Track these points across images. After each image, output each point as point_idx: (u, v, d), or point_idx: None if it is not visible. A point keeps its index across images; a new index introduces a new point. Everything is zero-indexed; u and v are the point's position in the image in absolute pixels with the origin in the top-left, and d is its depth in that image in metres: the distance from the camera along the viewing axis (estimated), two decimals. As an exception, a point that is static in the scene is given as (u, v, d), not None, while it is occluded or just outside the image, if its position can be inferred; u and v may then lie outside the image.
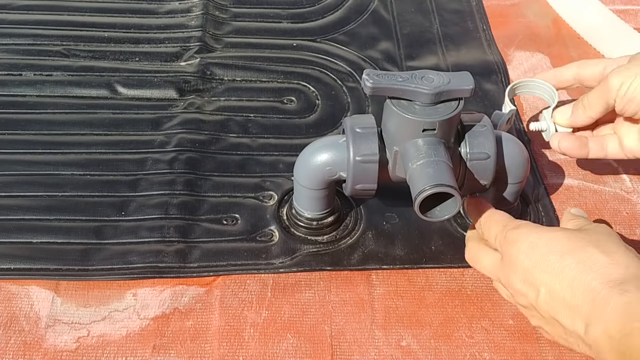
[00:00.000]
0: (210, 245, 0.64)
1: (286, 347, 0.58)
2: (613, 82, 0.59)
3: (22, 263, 0.62)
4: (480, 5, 0.95)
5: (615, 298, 0.46)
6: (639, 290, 0.45)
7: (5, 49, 0.83)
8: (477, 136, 0.58)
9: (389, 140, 0.57)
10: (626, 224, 0.68)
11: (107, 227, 0.65)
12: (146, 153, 0.72)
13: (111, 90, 0.79)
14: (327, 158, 0.58)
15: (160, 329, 0.58)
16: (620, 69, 0.60)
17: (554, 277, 0.49)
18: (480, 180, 0.59)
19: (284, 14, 0.91)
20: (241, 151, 0.73)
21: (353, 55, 0.86)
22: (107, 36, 0.86)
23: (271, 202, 0.68)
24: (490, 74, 0.84)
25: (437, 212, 0.54)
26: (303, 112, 0.79)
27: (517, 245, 0.52)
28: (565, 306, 0.48)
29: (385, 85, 0.54)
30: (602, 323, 0.46)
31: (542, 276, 0.50)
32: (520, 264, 0.52)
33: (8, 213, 0.66)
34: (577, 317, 0.48)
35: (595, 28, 0.88)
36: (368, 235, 0.66)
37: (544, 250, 0.50)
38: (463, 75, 0.55)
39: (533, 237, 0.52)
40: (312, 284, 0.62)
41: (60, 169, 0.70)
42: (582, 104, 0.63)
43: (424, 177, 0.52)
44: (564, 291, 0.48)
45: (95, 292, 0.61)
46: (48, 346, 0.57)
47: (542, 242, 0.51)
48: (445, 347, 0.58)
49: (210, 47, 0.85)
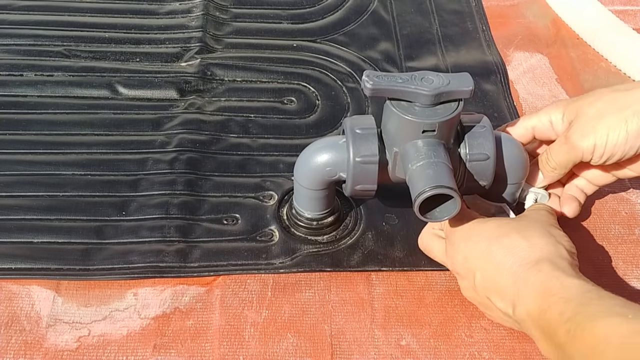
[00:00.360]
0: (210, 245, 0.65)
1: (286, 346, 0.58)
2: (584, 145, 0.58)
3: (23, 263, 0.62)
4: (480, 5, 0.95)
5: (532, 278, 0.50)
6: (551, 268, 0.50)
7: (6, 49, 0.83)
8: (477, 137, 0.58)
9: (389, 141, 0.57)
10: (625, 224, 0.69)
11: (108, 227, 0.66)
12: (147, 153, 0.73)
13: (112, 90, 0.79)
14: (327, 158, 0.59)
15: (161, 328, 0.59)
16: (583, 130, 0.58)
17: (484, 262, 0.54)
18: (480, 181, 0.59)
19: (284, 15, 0.92)
20: (241, 151, 0.74)
21: (353, 55, 0.86)
22: (108, 37, 0.86)
23: (271, 202, 0.69)
24: (490, 74, 0.84)
25: (437, 214, 0.54)
26: (303, 112, 0.79)
27: (457, 233, 0.57)
28: (495, 289, 0.53)
29: (385, 87, 0.54)
30: (524, 303, 0.50)
31: (476, 262, 0.54)
32: (460, 250, 0.56)
33: (9, 213, 0.66)
34: (506, 298, 0.52)
35: (594, 28, 0.88)
36: (368, 235, 0.66)
37: (477, 238, 0.55)
38: (462, 76, 0.55)
39: (469, 225, 0.56)
40: (312, 283, 0.62)
41: (61, 169, 0.70)
42: (551, 167, 0.62)
43: (424, 179, 0.52)
44: (492, 275, 0.53)
45: (96, 292, 0.61)
46: (49, 345, 0.57)
47: (476, 230, 0.56)
48: (445, 347, 0.58)
49: (211, 47, 0.85)
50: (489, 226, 0.56)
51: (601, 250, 0.66)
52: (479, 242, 0.55)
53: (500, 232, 0.55)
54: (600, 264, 0.65)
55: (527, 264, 0.51)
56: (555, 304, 0.47)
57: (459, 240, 0.57)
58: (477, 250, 0.55)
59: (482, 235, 0.55)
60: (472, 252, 0.55)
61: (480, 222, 0.57)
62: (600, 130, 0.57)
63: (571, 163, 0.60)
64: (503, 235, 0.54)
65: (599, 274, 0.64)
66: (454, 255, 0.57)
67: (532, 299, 0.49)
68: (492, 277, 0.53)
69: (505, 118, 0.78)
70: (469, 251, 0.55)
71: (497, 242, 0.54)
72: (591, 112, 0.58)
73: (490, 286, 0.54)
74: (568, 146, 0.59)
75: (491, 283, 0.53)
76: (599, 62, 0.87)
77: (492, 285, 0.53)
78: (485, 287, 0.54)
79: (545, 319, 0.48)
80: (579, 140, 0.58)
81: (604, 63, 0.87)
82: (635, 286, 0.63)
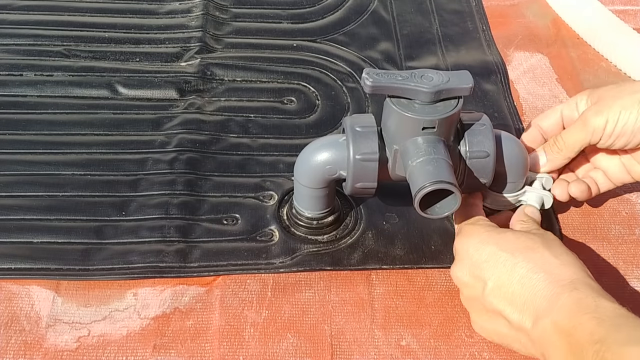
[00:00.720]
0: (210, 245, 0.64)
1: (286, 346, 0.58)
2: (597, 122, 0.59)
3: (23, 263, 0.62)
4: (480, 5, 0.95)
5: (566, 294, 0.49)
6: (586, 288, 0.49)
7: (6, 49, 0.83)
8: (477, 135, 0.58)
9: (389, 139, 0.57)
10: (625, 224, 0.68)
11: (108, 227, 0.65)
12: (147, 153, 0.72)
13: (112, 90, 0.79)
14: (327, 157, 0.59)
15: (161, 328, 0.59)
16: (598, 108, 0.60)
17: (504, 273, 0.52)
18: (480, 178, 0.59)
19: (284, 15, 0.92)
20: (241, 151, 0.74)
21: (353, 55, 0.86)
22: (108, 36, 0.86)
23: (271, 202, 0.68)
24: (490, 74, 0.84)
25: (437, 209, 0.54)
26: (303, 112, 0.79)
27: (468, 239, 0.56)
28: (512, 301, 0.51)
29: (385, 84, 0.54)
30: (551, 316, 0.48)
31: (491, 271, 0.53)
32: (469, 257, 0.55)
33: (9, 213, 0.66)
34: (526, 311, 0.50)
35: (594, 28, 0.88)
36: (368, 234, 0.66)
37: (494, 248, 0.54)
38: (462, 74, 0.55)
39: (484, 235, 0.55)
40: (312, 283, 0.62)
41: (60, 169, 0.70)
42: (558, 147, 0.63)
43: (424, 174, 0.52)
44: (513, 286, 0.51)
45: (95, 292, 0.61)
46: (49, 346, 0.57)
47: (493, 240, 0.55)
48: (445, 347, 0.58)
49: (211, 47, 0.85)
50: (508, 237, 0.55)
51: (601, 250, 0.66)
52: (498, 252, 0.53)
53: (523, 245, 0.53)
54: (600, 264, 0.65)
55: (559, 280, 0.50)
56: (587, 322, 0.46)
57: (468, 246, 0.55)
58: (495, 259, 0.53)
59: (501, 245, 0.54)
60: (489, 260, 0.53)
61: (497, 231, 0.56)
62: (613, 108, 0.58)
63: (578, 144, 0.61)
64: (528, 248, 0.53)
65: (599, 274, 0.63)
66: (459, 260, 0.56)
67: (564, 313, 0.48)
68: (511, 289, 0.52)
69: (505, 118, 0.78)
70: (483, 259, 0.54)
71: (523, 255, 0.52)
72: (609, 94, 0.60)
73: (505, 297, 0.52)
74: (581, 123, 0.60)
75: (508, 294, 0.52)
76: (599, 62, 0.87)
77: (509, 297, 0.52)
78: (498, 297, 0.52)
79: (575, 335, 0.46)
80: (592, 117, 0.59)
81: (604, 63, 0.87)
82: (635, 286, 0.63)
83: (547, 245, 0.53)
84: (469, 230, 0.57)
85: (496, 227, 0.57)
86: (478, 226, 0.57)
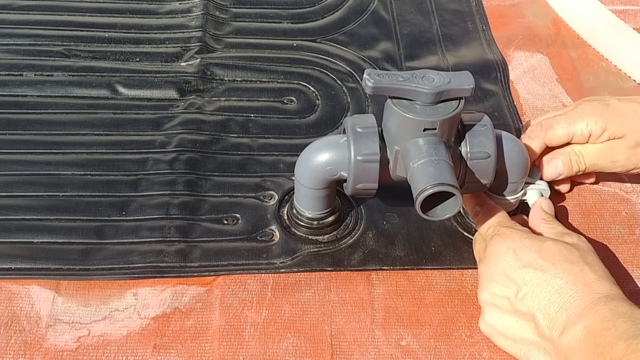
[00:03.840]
0: (210, 245, 0.64)
1: (286, 346, 0.58)
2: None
3: (23, 263, 0.62)
4: (480, 5, 0.95)
5: (602, 304, 0.50)
6: (624, 302, 0.51)
7: (6, 49, 0.83)
8: (478, 135, 0.58)
9: (390, 140, 0.57)
10: (625, 224, 0.69)
11: (108, 227, 0.65)
12: (147, 153, 0.72)
13: (112, 90, 0.79)
14: (328, 157, 0.59)
15: (161, 328, 0.59)
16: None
17: (542, 281, 0.53)
18: (481, 179, 0.59)
19: (284, 15, 0.92)
20: (242, 151, 0.74)
21: (353, 55, 0.86)
22: (108, 36, 0.86)
23: (272, 201, 0.68)
24: (490, 74, 0.84)
25: (438, 211, 0.54)
26: (303, 112, 0.79)
27: (508, 242, 0.57)
28: (547, 308, 0.53)
29: (386, 85, 0.54)
30: (584, 321, 0.50)
31: (530, 276, 0.54)
32: (506, 259, 0.56)
33: (9, 213, 0.66)
34: (558, 319, 0.52)
35: (594, 28, 0.88)
36: (368, 235, 0.66)
37: (535, 255, 0.55)
38: (463, 74, 0.55)
39: (526, 241, 0.56)
40: (312, 283, 0.62)
41: (60, 169, 0.70)
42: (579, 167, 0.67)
43: (425, 176, 0.52)
44: (550, 295, 0.53)
45: (95, 292, 0.61)
46: (49, 346, 0.57)
47: (535, 247, 0.55)
48: (445, 347, 0.58)
49: (211, 47, 0.85)
50: (549, 246, 0.56)
51: (601, 250, 0.66)
52: (539, 261, 0.54)
53: (565, 258, 0.54)
54: (601, 264, 0.65)
55: (597, 293, 0.51)
56: (622, 324, 0.48)
57: (508, 249, 0.56)
58: (535, 266, 0.54)
59: (544, 255, 0.55)
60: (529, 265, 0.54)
61: (538, 240, 0.57)
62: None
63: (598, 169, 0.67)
64: (569, 261, 0.54)
65: (599, 273, 0.63)
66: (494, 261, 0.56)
67: (598, 319, 0.49)
68: (548, 296, 0.53)
69: (505, 118, 0.78)
70: (524, 264, 0.55)
71: (563, 266, 0.54)
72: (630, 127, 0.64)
73: (539, 304, 0.53)
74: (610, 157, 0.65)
75: (543, 301, 0.53)
76: (599, 62, 0.87)
77: (544, 303, 0.53)
78: (532, 302, 0.53)
79: (605, 335, 0.48)
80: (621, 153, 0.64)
81: (604, 63, 0.87)
82: (635, 286, 0.63)
83: (586, 260, 0.55)
84: (509, 234, 0.57)
85: (535, 235, 0.58)
86: (518, 231, 0.58)
